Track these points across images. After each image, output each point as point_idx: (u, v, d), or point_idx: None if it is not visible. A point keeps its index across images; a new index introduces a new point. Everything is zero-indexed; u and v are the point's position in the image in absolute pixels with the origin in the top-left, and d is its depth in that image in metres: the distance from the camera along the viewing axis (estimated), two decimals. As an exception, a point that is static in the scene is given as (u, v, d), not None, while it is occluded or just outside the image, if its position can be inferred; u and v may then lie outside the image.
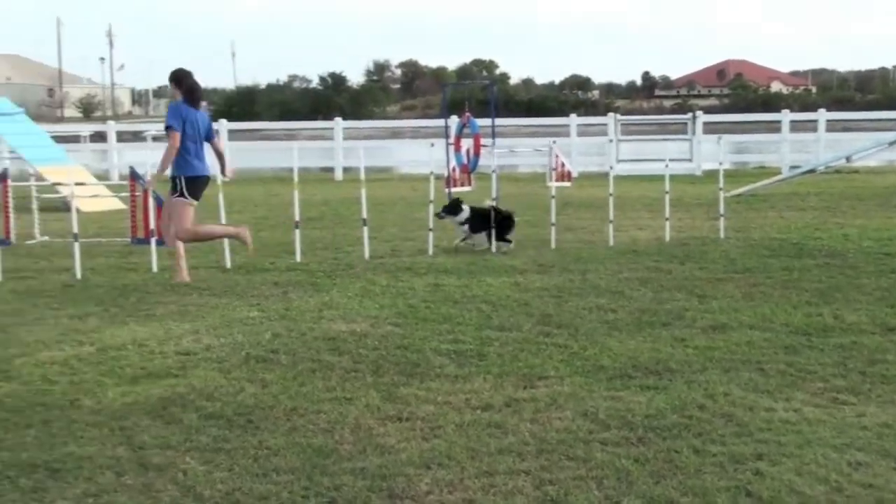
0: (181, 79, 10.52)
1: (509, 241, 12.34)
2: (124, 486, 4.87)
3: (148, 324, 8.40)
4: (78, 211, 15.18)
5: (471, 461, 5.11)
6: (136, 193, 13.13)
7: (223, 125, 27.88)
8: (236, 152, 29.19)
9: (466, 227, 12.29)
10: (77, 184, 13.48)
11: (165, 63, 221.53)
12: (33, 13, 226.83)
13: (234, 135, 29.60)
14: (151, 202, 12.26)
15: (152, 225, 11.91)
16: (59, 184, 14.90)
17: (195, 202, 10.53)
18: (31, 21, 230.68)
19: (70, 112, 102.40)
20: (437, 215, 12.40)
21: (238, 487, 4.84)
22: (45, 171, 17.09)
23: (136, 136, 36.84)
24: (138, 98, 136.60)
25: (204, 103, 11.05)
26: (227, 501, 4.71)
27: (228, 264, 11.26)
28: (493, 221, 12.25)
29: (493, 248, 12.17)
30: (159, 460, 5.20)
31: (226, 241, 11.39)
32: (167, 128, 10.37)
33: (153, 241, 11.36)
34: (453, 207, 12.35)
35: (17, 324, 8.48)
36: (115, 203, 17.12)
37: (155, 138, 36.40)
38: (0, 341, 7.82)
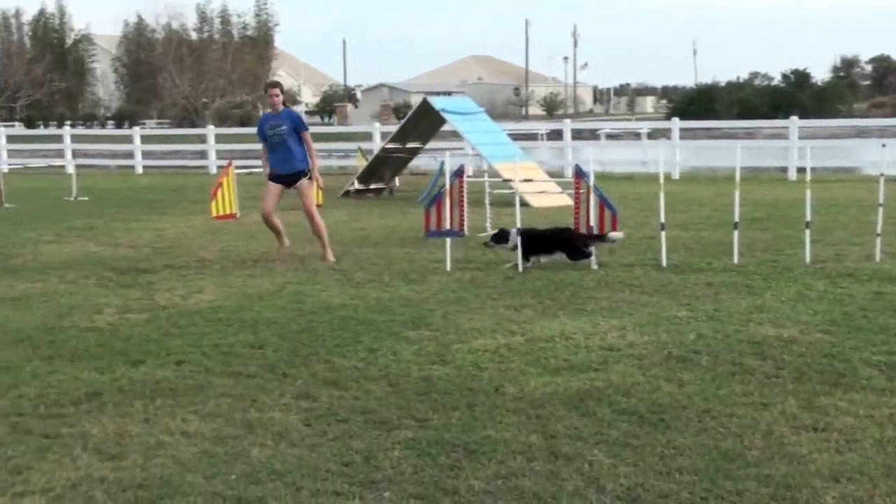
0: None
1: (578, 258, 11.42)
2: (532, 472, 5.10)
3: (577, 318, 8.66)
4: (528, 206, 15.91)
5: (885, 479, 4.85)
6: (581, 190, 13.51)
7: (675, 123, 27.84)
8: (689, 151, 29.20)
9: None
10: (524, 180, 14.11)
11: (627, 61, 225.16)
12: (504, 16, 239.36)
13: (686, 133, 29.45)
14: (594, 200, 12.60)
15: (593, 221, 12.25)
16: (509, 180, 15.64)
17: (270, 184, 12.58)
18: (502, 23, 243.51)
19: (534, 110, 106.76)
20: (486, 244, 12.05)
21: (640, 483, 4.91)
22: (500, 168, 18.01)
23: (593, 134, 37.90)
24: (599, 96, 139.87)
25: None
26: (629, 496, 4.79)
27: (664, 262, 11.31)
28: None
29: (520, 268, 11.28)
30: (568, 450, 5.38)
31: (663, 238, 11.47)
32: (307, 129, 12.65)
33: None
34: (501, 236, 11.78)
35: (459, 311, 9.06)
36: (564, 199, 17.67)
37: (609, 136, 37.28)
38: (441, 327, 8.40)
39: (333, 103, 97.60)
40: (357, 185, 22.38)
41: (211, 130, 34.11)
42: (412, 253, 12.71)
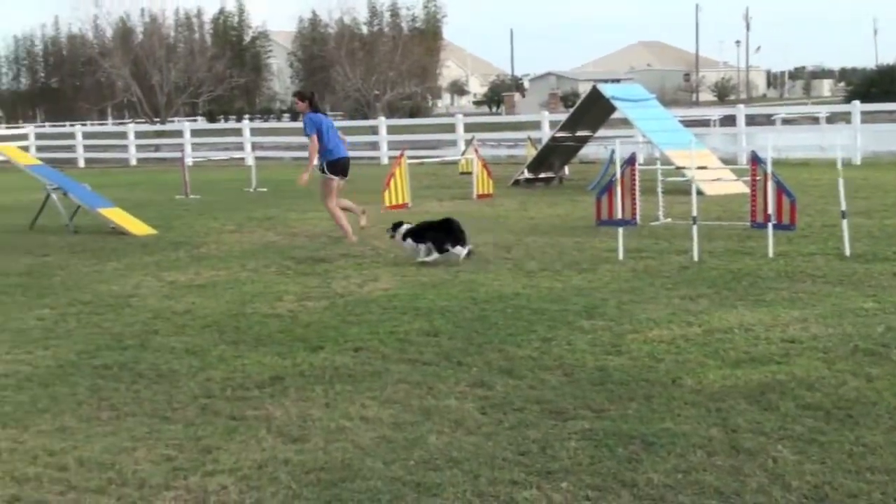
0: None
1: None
2: (713, 466, 4.99)
3: (756, 309, 8.45)
4: (701, 194, 15.59)
5: None
6: (757, 177, 13.16)
7: (855, 107, 26.78)
8: (870, 135, 28.10)
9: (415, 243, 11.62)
10: (699, 167, 13.83)
11: (802, 44, 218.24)
12: (673, 0, 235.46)
13: (867, 117, 28.34)
14: (771, 187, 12.25)
15: (770, 209, 11.91)
16: (682, 167, 15.33)
17: (333, 178, 13.73)
18: (672, 8, 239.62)
19: (705, 96, 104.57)
20: (387, 231, 12.17)
21: (828, 481, 4.75)
22: (672, 155, 17.71)
23: (767, 120, 36.90)
24: (773, 80, 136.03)
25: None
26: (815, 494, 4.64)
27: (847, 251, 10.92)
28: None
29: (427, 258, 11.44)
30: (751, 445, 5.25)
31: (845, 226, 11.07)
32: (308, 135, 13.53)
33: (770, 225, 11.36)
34: (398, 224, 11.91)
35: (633, 301, 8.95)
36: (739, 187, 17.25)
37: (784, 121, 36.22)
38: (615, 317, 8.32)
39: (501, 93, 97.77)
40: (526, 174, 22.36)
41: (382, 122, 34.49)
42: (583, 242, 12.63)
